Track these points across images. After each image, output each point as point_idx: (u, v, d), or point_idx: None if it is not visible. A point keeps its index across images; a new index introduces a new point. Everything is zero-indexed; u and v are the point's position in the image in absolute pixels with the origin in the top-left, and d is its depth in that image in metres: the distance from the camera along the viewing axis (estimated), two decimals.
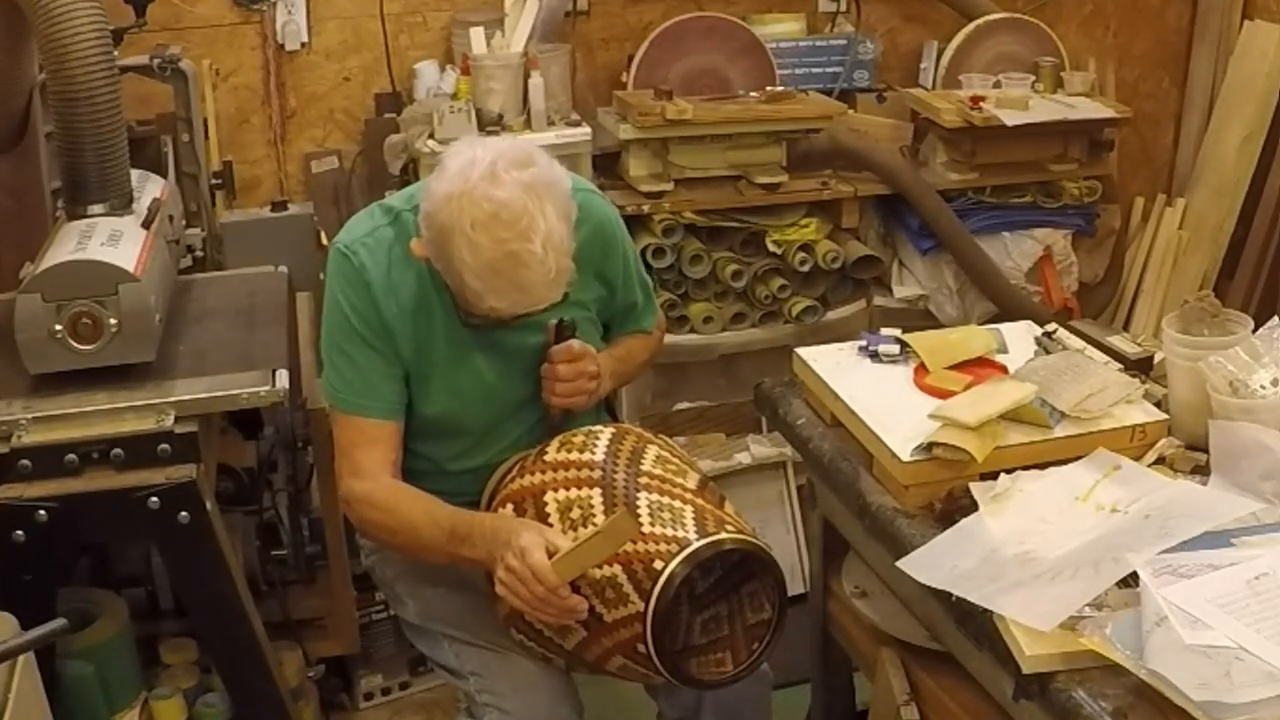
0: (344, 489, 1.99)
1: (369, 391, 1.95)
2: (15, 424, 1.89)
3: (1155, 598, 1.39)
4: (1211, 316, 1.81)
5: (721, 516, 1.82)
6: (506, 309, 1.82)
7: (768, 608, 1.86)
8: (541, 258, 1.75)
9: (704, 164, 3.17)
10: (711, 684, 1.88)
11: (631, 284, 2.14)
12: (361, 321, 1.94)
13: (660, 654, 1.75)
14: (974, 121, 3.18)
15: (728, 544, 1.76)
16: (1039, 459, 1.74)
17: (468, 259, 1.76)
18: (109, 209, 2.12)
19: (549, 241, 1.76)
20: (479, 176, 1.76)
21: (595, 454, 1.87)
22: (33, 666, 1.57)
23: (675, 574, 1.72)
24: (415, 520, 1.93)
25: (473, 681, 2.01)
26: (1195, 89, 3.97)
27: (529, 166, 1.79)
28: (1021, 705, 1.50)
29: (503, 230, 1.74)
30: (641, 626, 1.73)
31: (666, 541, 1.74)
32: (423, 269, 1.92)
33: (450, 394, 2.00)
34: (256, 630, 2.08)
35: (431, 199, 1.80)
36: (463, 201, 1.76)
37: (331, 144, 3.45)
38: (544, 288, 1.80)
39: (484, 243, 1.75)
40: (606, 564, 1.75)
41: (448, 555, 1.91)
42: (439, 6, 3.42)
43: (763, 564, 1.82)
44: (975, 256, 3.27)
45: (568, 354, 1.99)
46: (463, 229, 1.75)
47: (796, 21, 3.58)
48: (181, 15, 3.23)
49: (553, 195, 1.79)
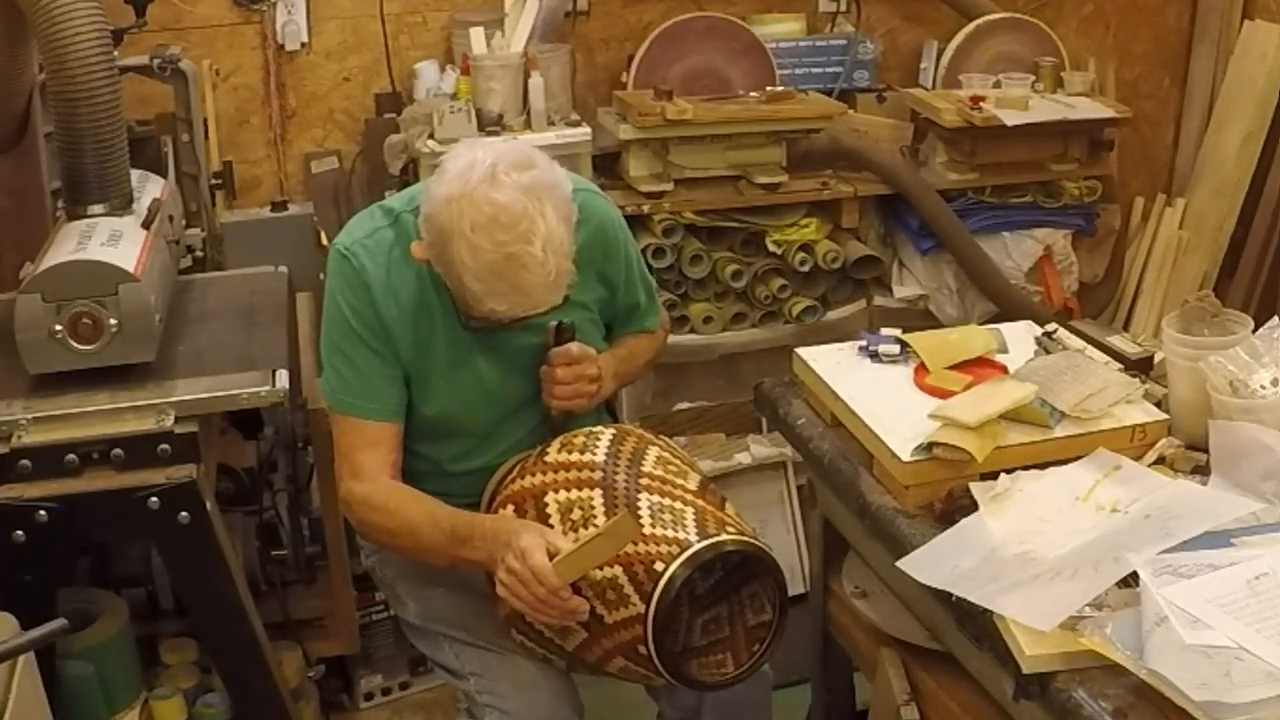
0: (344, 491, 1.99)
1: (368, 393, 1.95)
2: (15, 424, 1.89)
3: (1155, 598, 1.39)
4: (1211, 316, 1.81)
5: (722, 518, 1.82)
6: (506, 311, 1.82)
7: (768, 609, 1.86)
8: (541, 260, 1.75)
9: (704, 164, 3.17)
10: (712, 685, 1.88)
11: (634, 284, 2.14)
12: (361, 323, 1.93)
13: (661, 655, 1.75)
14: (974, 121, 3.17)
15: (728, 545, 1.76)
16: (1039, 459, 1.74)
17: (468, 261, 1.76)
18: (109, 209, 2.12)
19: (549, 244, 1.76)
20: (479, 179, 1.76)
21: (596, 455, 1.87)
22: (33, 666, 1.57)
23: (676, 576, 1.72)
24: (416, 522, 1.92)
25: (473, 682, 2.01)
26: (1195, 89, 3.97)
27: (529, 169, 1.79)
28: (1021, 705, 1.50)
29: (502, 233, 1.74)
30: (642, 628, 1.73)
31: (667, 543, 1.74)
32: (423, 270, 1.91)
33: (451, 395, 2.00)
34: (256, 630, 2.08)
35: (431, 202, 1.80)
36: (463, 204, 1.76)
37: (331, 144, 3.45)
38: (544, 290, 1.80)
39: (484, 245, 1.75)
40: (607, 565, 1.75)
41: (448, 557, 1.91)
42: (439, 6, 3.42)
43: (764, 565, 1.82)
44: (975, 256, 3.27)
45: (566, 357, 1.99)
46: (462, 232, 1.75)
47: (796, 21, 3.58)
48: (181, 15, 3.23)
49: (553, 197, 1.79)
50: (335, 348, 1.96)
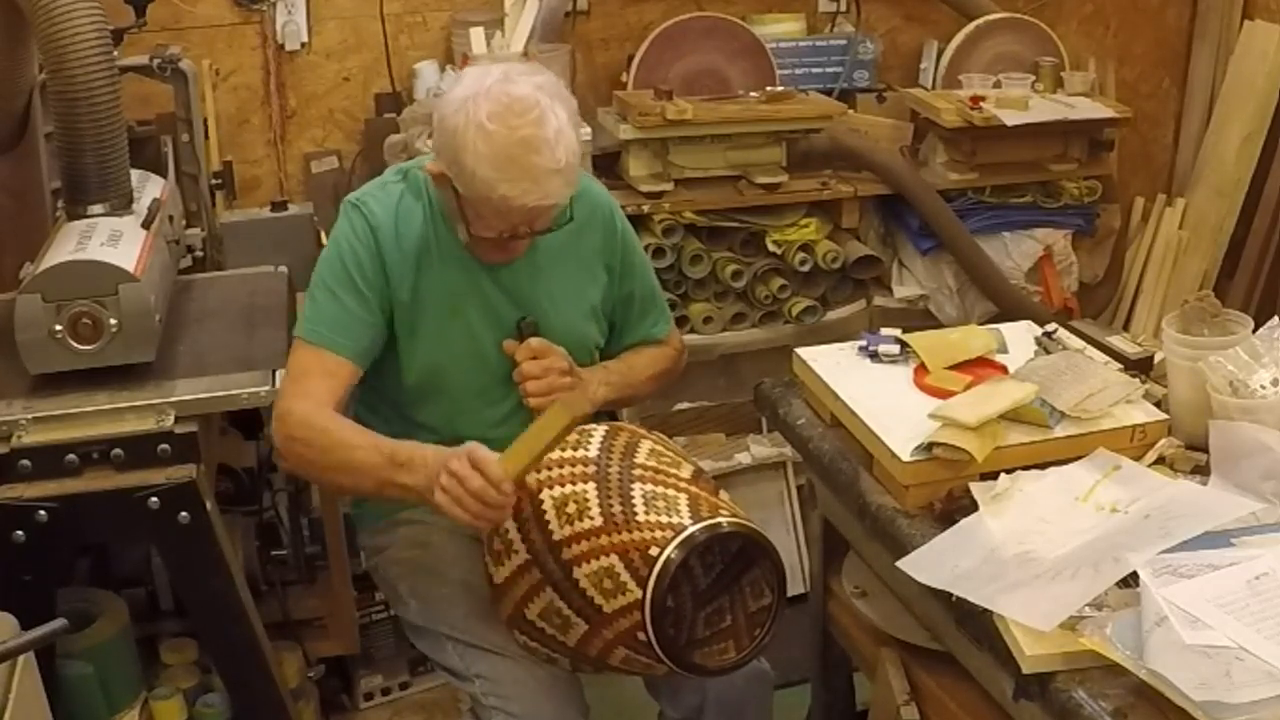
0: (283, 407, 1.94)
1: (343, 330, 1.97)
2: (15, 424, 1.90)
3: (1155, 598, 1.39)
4: (1211, 316, 1.81)
5: (716, 503, 1.82)
6: (517, 198, 1.85)
7: (768, 593, 1.86)
8: (552, 146, 1.83)
9: (704, 164, 3.17)
10: (715, 671, 1.88)
11: (631, 271, 2.17)
12: (356, 266, 1.98)
13: (661, 641, 1.75)
14: (974, 121, 3.17)
15: (724, 527, 1.77)
16: (1039, 459, 1.74)
17: (482, 148, 1.83)
18: (109, 209, 2.12)
19: (560, 136, 1.85)
20: (493, 81, 1.86)
21: (589, 450, 1.87)
22: (33, 666, 1.57)
23: (671, 559, 1.72)
24: (354, 442, 1.90)
25: (478, 684, 2.00)
26: (1195, 89, 3.97)
27: (541, 74, 1.91)
28: (1021, 705, 1.50)
29: (516, 119, 1.83)
30: (641, 614, 1.74)
31: (662, 529, 1.75)
32: (429, 214, 2.00)
33: (439, 346, 2.02)
34: (256, 630, 2.08)
35: (445, 107, 1.88)
36: (478, 99, 1.84)
37: (331, 144, 3.46)
38: (553, 177, 1.85)
39: (498, 130, 1.83)
40: (604, 554, 1.76)
41: (381, 483, 1.88)
42: (439, 6, 3.42)
43: (760, 548, 1.82)
44: (975, 256, 3.27)
45: (529, 351, 2.04)
46: (478, 121, 1.83)
47: (796, 21, 3.58)
48: (181, 15, 3.23)
49: (563, 99, 1.89)
50: (323, 284, 2.00)
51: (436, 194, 2.00)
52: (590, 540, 1.78)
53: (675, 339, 2.29)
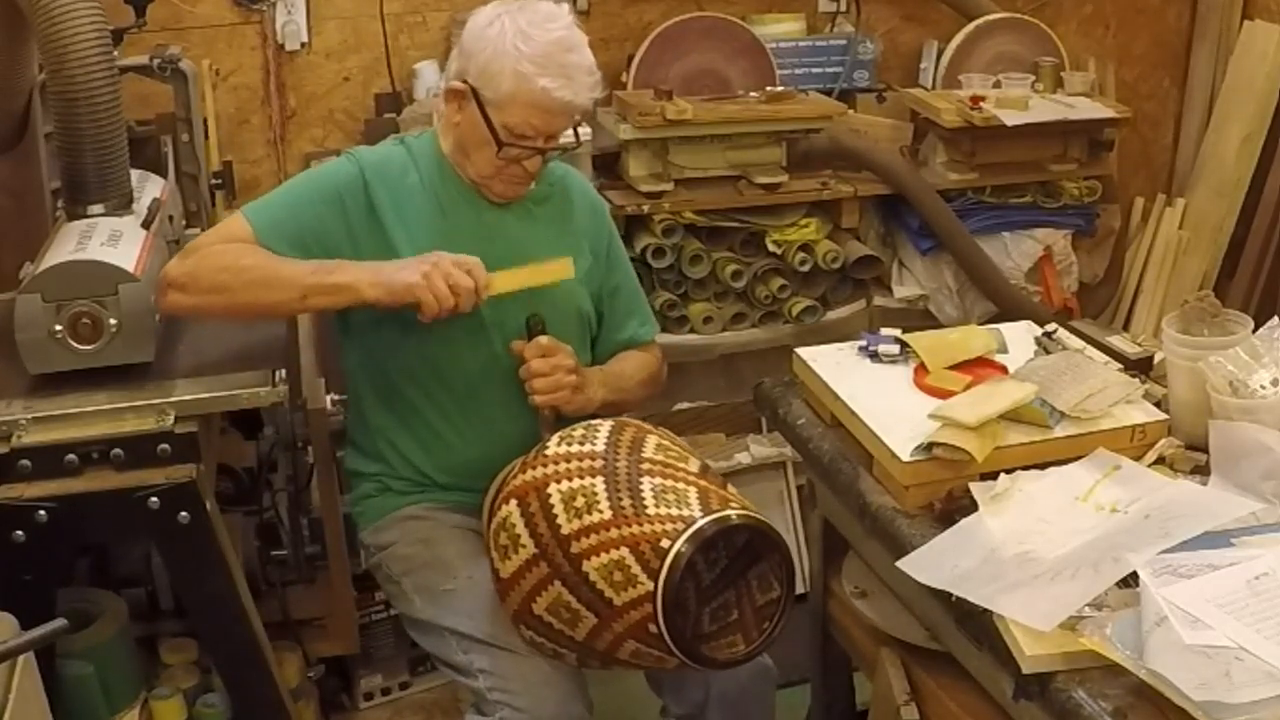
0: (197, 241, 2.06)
1: (281, 225, 2.03)
2: (15, 424, 1.89)
3: (1155, 598, 1.39)
4: (1211, 316, 1.81)
5: (725, 496, 1.83)
6: (556, 89, 1.99)
7: (776, 586, 1.86)
8: (583, 48, 2.03)
9: (704, 164, 3.17)
10: (724, 663, 1.88)
11: (617, 265, 2.26)
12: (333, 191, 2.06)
13: (673, 634, 1.75)
14: (974, 121, 3.17)
15: (734, 519, 1.77)
16: (1039, 459, 1.74)
17: (523, 48, 1.99)
18: (109, 209, 2.13)
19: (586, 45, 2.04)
20: (517, 6, 2.03)
21: (596, 445, 1.88)
22: (33, 666, 1.57)
23: (682, 552, 1.73)
24: (278, 259, 2.00)
25: (482, 679, 1.99)
26: (1195, 89, 3.97)
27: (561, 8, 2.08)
28: (1021, 705, 1.50)
29: (550, 23, 2.02)
30: (652, 606, 1.74)
31: (672, 521, 1.75)
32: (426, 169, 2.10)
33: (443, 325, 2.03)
34: (256, 630, 2.08)
35: (476, 26, 2.04)
36: (512, 14, 2.01)
37: (331, 144, 3.45)
38: (586, 76, 2.02)
39: (536, 33, 2.00)
40: (614, 547, 1.76)
41: (304, 288, 1.98)
42: (439, 6, 3.42)
43: (769, 541, 1.83)
44: (975, 256, 3.27)
45: (538, 349, 2.08)
46: (517, 28, 2.00)
47: (796, 21, 3.57)
48: (181, 15, 3.23)
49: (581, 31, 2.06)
50: (290, 190, 2.12)
51: (439, 146, 2.13)
52: (600, 534, 1.78)
53: (657, 348, 2.35)
